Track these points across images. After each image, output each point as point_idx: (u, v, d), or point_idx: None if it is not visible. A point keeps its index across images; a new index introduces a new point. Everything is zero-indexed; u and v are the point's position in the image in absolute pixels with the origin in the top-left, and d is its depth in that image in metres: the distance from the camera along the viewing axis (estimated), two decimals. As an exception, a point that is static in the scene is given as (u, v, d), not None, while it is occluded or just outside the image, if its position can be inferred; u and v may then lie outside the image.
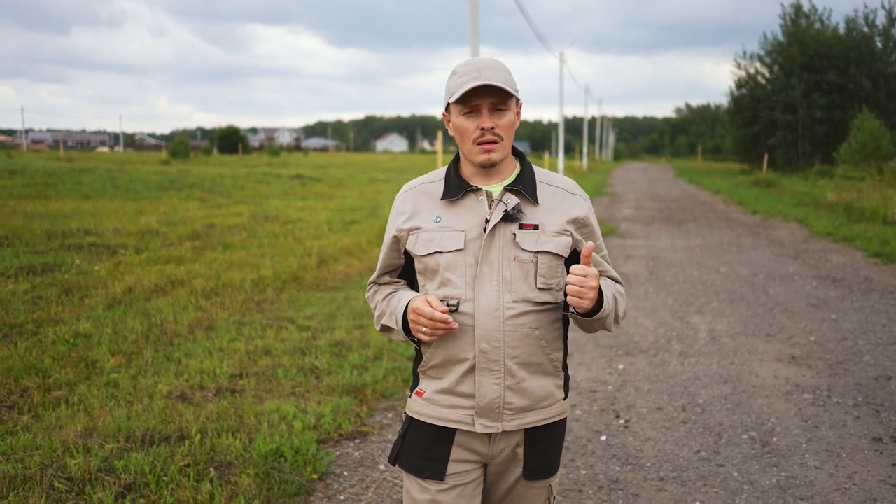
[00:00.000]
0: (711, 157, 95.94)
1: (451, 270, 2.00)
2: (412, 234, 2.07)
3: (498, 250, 2.00)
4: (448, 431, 2.06)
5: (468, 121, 1.99)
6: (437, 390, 2.06)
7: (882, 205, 16.59)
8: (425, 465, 2.07)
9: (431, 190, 2.10)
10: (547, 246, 2.01)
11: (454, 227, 2.02)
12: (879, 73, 41.43)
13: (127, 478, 3.63)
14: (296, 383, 5.28)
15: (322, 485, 3.85)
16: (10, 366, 5.31)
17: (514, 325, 1.99)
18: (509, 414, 2.03)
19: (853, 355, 6.36)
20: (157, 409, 4.60)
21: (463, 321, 1.99)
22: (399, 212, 2.12)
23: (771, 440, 4.57)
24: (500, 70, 1.99)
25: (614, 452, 4.40)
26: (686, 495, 3.85)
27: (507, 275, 1.99)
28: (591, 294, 1.89)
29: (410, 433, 2.11)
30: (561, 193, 2.09)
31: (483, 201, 2.02)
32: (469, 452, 2.07)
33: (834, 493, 3.87)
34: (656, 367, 6.06)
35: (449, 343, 2.01)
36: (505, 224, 2.00)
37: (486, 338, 1.97)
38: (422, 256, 2.04)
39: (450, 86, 2.01)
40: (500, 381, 2.00)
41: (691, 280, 9.87)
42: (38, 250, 10.11)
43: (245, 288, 8.38)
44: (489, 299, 1.98)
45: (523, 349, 2.01)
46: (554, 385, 2.09)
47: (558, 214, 2.05)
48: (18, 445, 4.01)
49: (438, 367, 2.05)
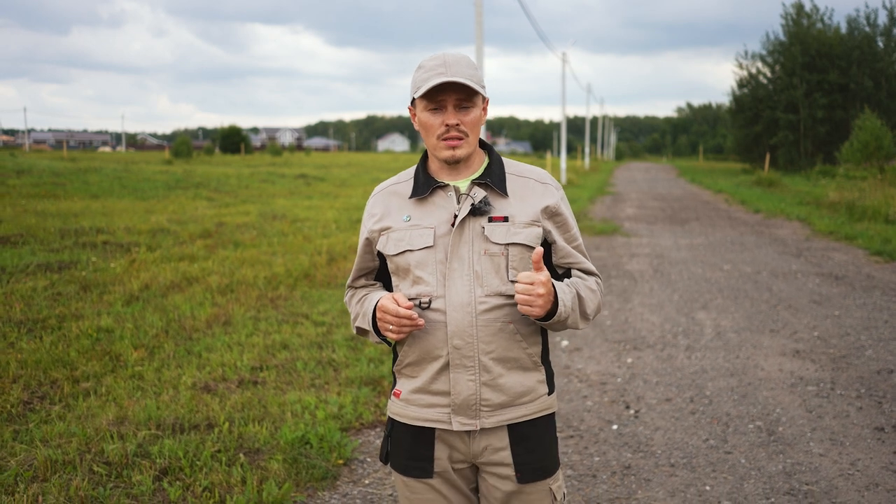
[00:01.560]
0: (713, 156, 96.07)
1: (422, 268, 2.00)
2: (383, 235, 2.07)
3: (468, 245, 1.98)
4: (428, 431, 2.05)
5: (433, 116, 1.98)
6: (412, 389, 2.05)
7: (883, 204, 16.73)
8: (411, 465, 2.07)
9: (401, 190, 2.09)
10: (517, 238, 1.99)
11: (423, 224, 2.01)
12: (881, 73, 41.59)
13: (162, 462, 3.80)
14: (315, 375, 5.44)
15: (347, 470, 4.02)
16: (39, 358, 5.48)
17: (487, 320, 1.97)
18: (487, 410, 2.00)
19: (856, 350, 6.52)
20: (183, 400, 4.77)
21: (435, 318, 1.98)
22: (370, 214, 2.12)
23: (777, 429, 4.73)
24: (466, 66, 1.97)
25: (626, 441, 4.56)
26: (696, 480, 4.02)
27: (479, 269, 1.98)
28: (540, 301, 1.88)
29: (394, 434, 2.11)
30: (531, 184, 2.08)
31: (451, 197, 2.01)
32: (452, 450, 2.06)
33: (838, 479, 4.03)
34: (664, 361, 6.22)
35: (422, 341, 2.00)
36: (474, 218, 1.99)
37: (458, 334, 1.96)
38: (393, 256, 2.04)
39: (415, 80, 1.99)
40: (475, 378, 1.98)
41: (695, 277, 10.03)
42: (54, 248, 10.28)
43: (258, 285, 8.55)
44: (460, 294, 1.97)
45: (498, 344, 1.99)
46: (535, 381, 2.06)
47: (528, 205, 2.04)
48: (54, 433, 4.18)
49: (413, 366, 2.04)
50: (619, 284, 9.49)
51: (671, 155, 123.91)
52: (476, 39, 18.33)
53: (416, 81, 1.99)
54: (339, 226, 14.13)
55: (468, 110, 1.98)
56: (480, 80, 1.99)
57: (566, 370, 5.95)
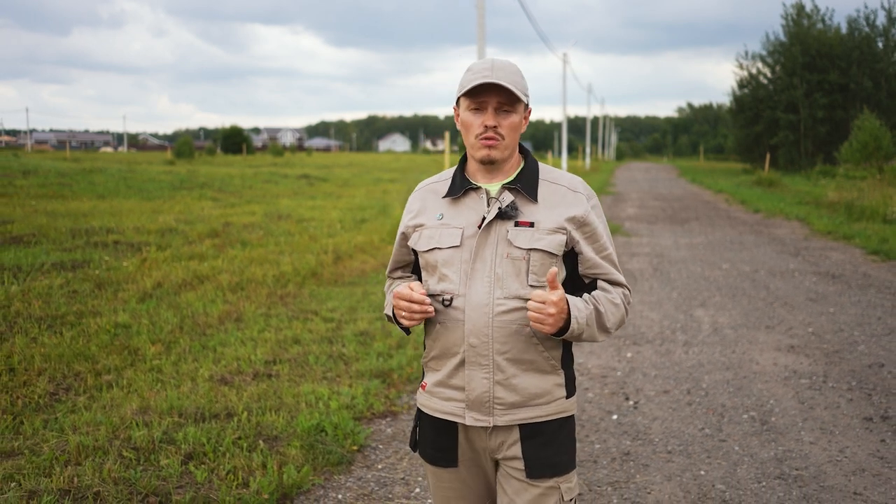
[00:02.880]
0: (714, 156, 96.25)
1: (448, 266, 2.06)
2: (416, 231, 2.16)
3: (492, 247, 2.04)
4: (450, 423, 2.13)
5: (474, 116, 2.05)
6: (435, 382, 2.13)
7: (882, 204, 16.93)
8: (437, 454, 2.17)
9: (439, 189, 2.17)
10: (539, 244, 2.03)
11: (453, 224, 2.09)
12: (881, 73, 41.79)
13: (187, 447, 4.02)
14: (326, 368, 5.66)
15: (361, 455, 4.25)
16: (61, 352, 5.70)
17: (503, 322, 2.02)
18: (500, 409, 2.05)
19: (849, 345, 6.73)
20: (202, 391, 4.99)
21: (455, 316, 2.05)
22: (408, 210, 2.21)
23: (770, 419, 4.95)
24: (512, 73, 2.04)
25: (625, 429, 4.78)
26: (692, 465, 4.24)
27: (499, 271, 2.03)
28: (550, 320, 1.93)
29: (421, 424, 2.21)
30: (562, 191, 2.11)
31: (482, 199, 2.08)
32: (473, 444, 2.14)
33: (826, 465, 4.24)
34: (662, 356, 6.44)
35: (443, 336, 2.08)
36: (500, 221, 2.05)
37: (474, 332, 2.02)
38: (423, 252, 2.12)
39: (462, 80, 2.06)
40: (489, 376, 2.04)
41: (694, 276, 10.24)
42: (66, 247, 10.50)
43: (268, 283, 8.77)
44: (479, 295, 2.02)
45: (513, 345, 2.03)
46: (553, 384, 2.10)
47: (555, 212, 2.07)
48: (82, 421, 4.40)
49: (437, 359, 2.13)
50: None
51: (672, 155, 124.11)
52: (478, 40, 18.53)
53: (462, 82, 2.05)
54: (343, 225, 14.34)
55: (508, 114, 2.03)
56: (524, 89, 2.06)
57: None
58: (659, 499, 3.84)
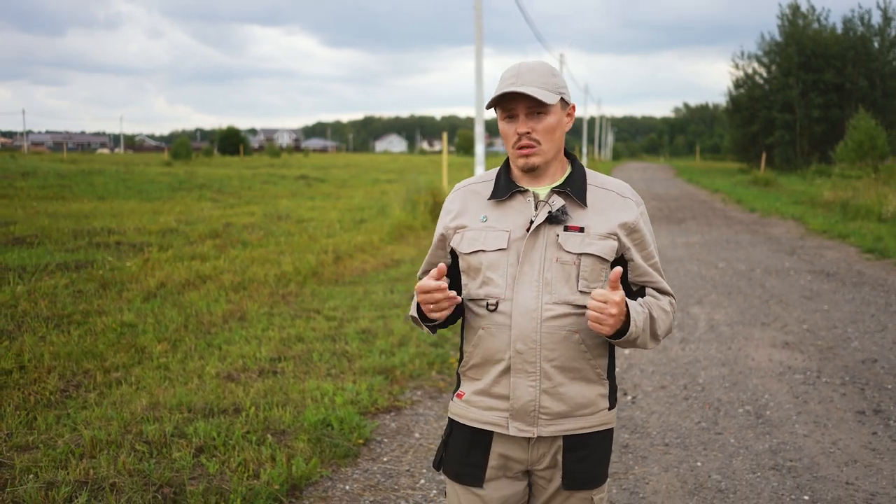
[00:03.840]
0: (710, 156, 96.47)
1: (493, 269, 2.01)
2: (458, 233, 2.09)
3: (540, 251, 1.99)
4: (485, 435, 2.05)
5: (508, 125, 2.02)
6: (474, 391, 2.06)
7: (877, 203, 17.07)
8: (464, 470, 2.07)
9: (480, 190, 2.12)
10: (591, 249, 1.99)
11: (499, 226, 2.03)
12: (876, 73, 42.03)
13: (198, 441, 4.13)
14: (331, 365, 5.77)
15: (366, 449, 4.36)
16: (70, 351, 5.80)
17: (552, 328, 1.97)
18: (546, 419, 2.00)
19: (842, 341, 6.86)
20: (209, 388, 5.10)
21: (501, 321, 1.99)
22: (447, 210, 2.14)
23: (765, 413, 5.07)
24: (540, 74, 1.99)
25: (623, 423, 4.90)
26: (688, 457, 4.36)
27: (549, 276, 1.98)
28: (610, 321, 1.87)
29: (452, 438, 2.11)
30: (612, 197, 2.07)
31: (530, 203, 2.03)
32: (507, 459, 2.06)
33: (820, 456, 4.36)
34: (659, 352, 6.55)
35: (486, 343, 2.01)
36: (549, 226, 2.00)
37: (521, 338, 1.96)
38: (466, 254, 2.06)
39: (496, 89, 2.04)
40: (535, 384, 1.98)
41: (691, 274, 10.36)
42: (69, 248, 10.59)
43: (269, 282, 8.88)
44: (527, 299, 1.97)
45: (561, 352, 1.98)
46: (597, 394, 2.06)
47: (606, 218, 2.03)
48: (93, 417, 4.51)
49: (477, 368, 2.06)
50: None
51: (668, 155, 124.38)
52: (476, 41, 18.65)
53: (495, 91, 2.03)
54: (342, 226, 14.45)
55: (541, 118, 1.99)
56: (557, 87, 2.00)
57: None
58: (657, 489, 3.96)
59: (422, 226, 14.47)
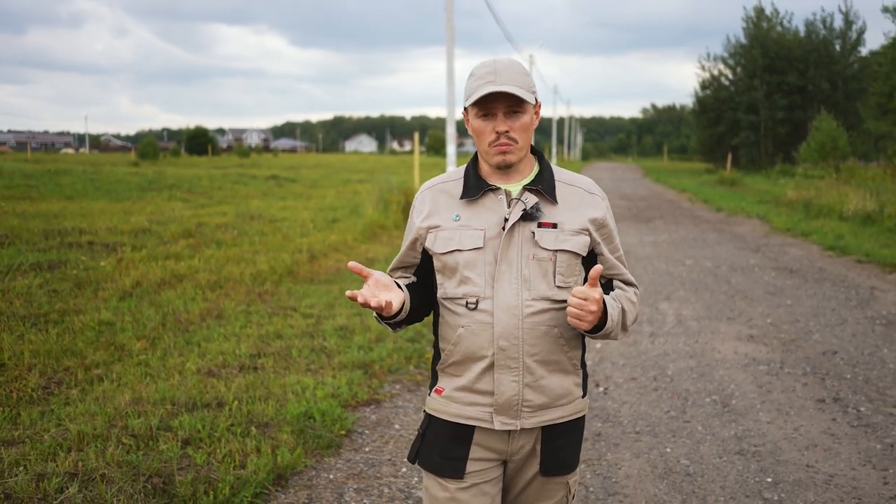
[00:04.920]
0: (677, 156, 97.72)
1: (471, 268, 2.03)
2: (431, 233, 2.10)
3: (517, 249, 2.02)
4: (466, 429, 2.09)
5: (484, 123, 2.03)
6: (456, 388, 2.08)
7: (838, 202, 17.53)
8: (444, 463, 2.10)
9: (450, 189, 2.13)
10: (566, 244, 2.04)
11: (473, 225, 2.05)
12: (838, 76, 42.98)
13: (183, 434, 4.22)
14: (310, 361, 5.88)
15: (348, 440, 4.49)
16: (49, 349, 5.84)
17: (533, 323, 2.01)
18: (528, 411, 2.05)
19: (804, 335, 7.11)
20: (191, 383, 5.18)
21: (482, 319, 2.02)
22: (418, 210, 2.15)
23: (730, 402, 5.28)
24: (516, 73, 2.01)
25: (596, 413, 5.08)
26: (658, 444, 4.54)
27: (527, 273, 2.02)
28: (590, 318, 1.92)
29: (429, 431, 2.14)
30: (580, 193, 2.13)
31: (502, 200, 2.06)
32: (488, 451, 2.10)
33: (782, 441, 4.57)
34: (629, 346, 6.75)
35: (468, 340, 2.04)
36: (524, 223, 2.03)
37: (504, 335, 2.00)
38: (441, 254, 2.07)
39: (467, 88, 2.04)
40: (518, 379, 2.02)
41: (659, 272, 10.61)
42: (40, 248, 10.54)
43: (245, 281, 8.94)
44: (508, 297, 2.00)
45: (542, 347, 2.03)
46: (572, 383, 2.12)
47: (577, 214, 2.08)
48: (77, 412, 4.57)
49: (458, 365, 2.08)
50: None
51: (637, 155, 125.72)
52: (447, 42, 18.78)
53: (467, 89, 2.04)
54: (316, 225, 14.51)
55: (518, 116, 2.02)
56: (531, 86, 2.03)
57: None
58: (629, 474, 4.14)
59: (395, 225, 14.58)
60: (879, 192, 18.18)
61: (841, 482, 4.01)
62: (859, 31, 43.78)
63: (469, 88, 2.04)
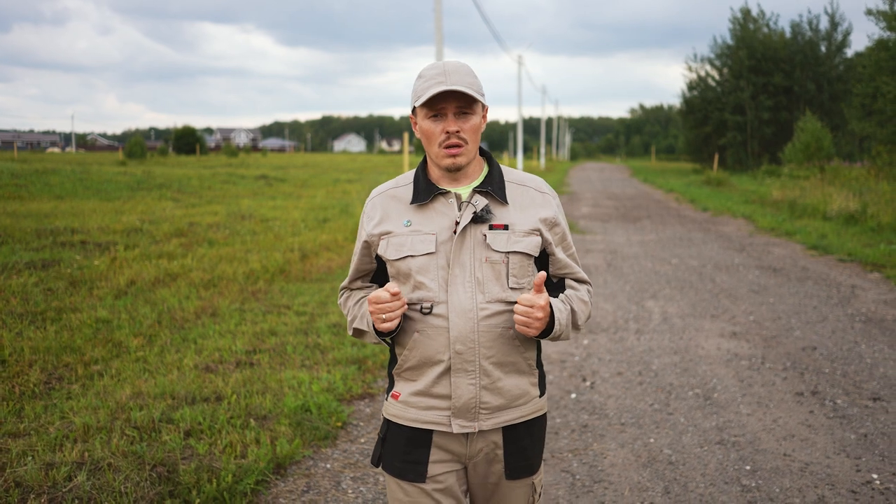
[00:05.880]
0: (665, 156, 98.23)
1: (424, 273, 2.02)
2: (383, 239, 2.09)
3: (469, 252, 2.02)
4: (425, 433, 2.08)
5: (434, 124, 2.02)
6: (412, 392, 2.07)
7: (822, 202, 17.80)
8: (405, 467, 2.10)
9: (400, 194, 2.12)
10: (517, 246, 2.04)
11: (425, 230, 2.04)
12: (823, 76, 43.43)
13: (185, 425, 4.37)
14: (305, 357, 6.03)
15: (344, 432, 4.65)
16: (49, 345, 5.96)
17: (489, 326, 2.01)
18: (485, 413, 2.05)
19: (786, 331, 7.31)
20: (189, 378, 5.32)
21: (437, 323, 2.01)
22: (369, 217, 2.14)
23: (713, 395, 5.46)
24: (465, 74, 2.01)
25: (583, 406, 5.25)
26: (642, 435, 4.72)
27: (480, 276, 2.02)
28: (537, 324, 1.95)
29: (389, 436, 2.14)
30: (531, 193, 2.13)
31: (452, 204, 2.05)
32: (447, 453, 2.10)
33: (761, 432, 4.76)
34: (616, 343, 6.93)
35: (423, 345, 2.03)
36: (475, 225, 2.03)
37: (460, 339, 2.00)
38: (394, 261, 2.06)
39: (416, 89, 2.03)
40: (475, 382, 2.02)
41: (646, 270, 10.81)
42: (33, 247, 10.63)
43: (238, 280, 9.07)
44: (462, 301, 2.00)
45: (498, 349, 2.03)
46: (529, 383, 2.12)
47: (528, 214, 2.08)
48: (80, 406, 4.71)
49: (413, 370, 2.07)
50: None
51: (625, 155, 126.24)
52: (436, 43, 18.95)
53: (416, 90, 2.03)
54: (306, 225, 14.64)
55: (468, 117, 2.02)
56: (479, 89, 2.04)
57: (529, 351, 6.62)
58: (613, 462, 4.31)
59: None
60: (863, 192, 18.48)
61: (816, 469, 4.20)
62: (845, 33, 44.26)
63: (418, 90, 2.02)
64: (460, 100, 2.00)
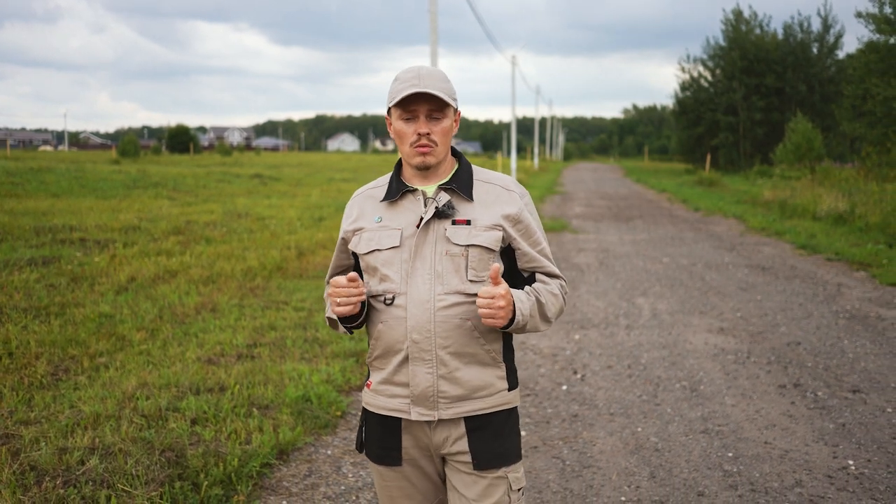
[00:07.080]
0: (658, 157, 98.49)
1: (388, 266, 2.12)
2: (356, 235, 2.21)
3: (431, 245, 2.11)
4: (395, 420, 2.17)
5: (406, 125, 2.11)
6: (379, 381, 2.18)
7: (812, 202, 18.04)
8: (383, 453, 2.21)
9: (376, 194, 2.24)
10: (477, 240, 2.10)
11: (392, 225, 2.15)
12: (814, 78, 43.72)
13: (190, 414, 4.54)
14: (304, 350, 6.20)
15: (343, 421, 4.83)
16: (54, 338, 6.12)
17: (445, 316, 2.08)
18: (444, 402, 2.11)
19: (771, 327, 7.51)
20: (193, 370, 5.49)
21: (398, 314, 2.10)
22: (347, 215, 2.27)
23: (699, 387, 5.66)
24: (439, 79, 2.10)
25: (573, 397, 5.44)
26: (630, 424, 4.91)
27: (440, 268, 2.09)
28: (501, 313, 1.99)
29: (367, 423, 2.26)
30: (496, 190, 2.20)
31: (419, 201, 2.15)
32: (416, 440, 2.19)
33: (744, 422, 4.95)
34: (606, 338, 7.13)
35: (386, 335, 2.13)
36: (438, 221, 2.12)
37: (417, 328, 2.08)
38: (363, 255, 2.17)
39: (391, 90, 2.12)
40: (432, 371, 2.09)
41: (637, 269, 11.01)
42: (33, 245, 10.77)
43: (237, 276, 9.24)
44: (421, 292, 2.08)
45: (455, 339, 2.09)
46: (494, 376, 2.16)
47: (491, 210, 2.15)
48: (87, 396, 4.87)
49: (380, 358, 2.17)
50: (568, 276, 10.41)
51: (618, 155, 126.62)
52: (431, 44, 19.12)
53: (391, 92, 2.12)
54: (302, 223, 14.81)
55: (439, 121, 2.11)
56: (452, 93, 2.14)
57: (522, 345, 6.81)
58: (602, 449, 4.50)
59: (380, 223, 14.86)
60: (852, 192, 18.72)
61: (795, 456, 4.40)
62: (837, 35, 44.57)
63: (393, 91, 2.11)
64: (432, 103, 2.09)
